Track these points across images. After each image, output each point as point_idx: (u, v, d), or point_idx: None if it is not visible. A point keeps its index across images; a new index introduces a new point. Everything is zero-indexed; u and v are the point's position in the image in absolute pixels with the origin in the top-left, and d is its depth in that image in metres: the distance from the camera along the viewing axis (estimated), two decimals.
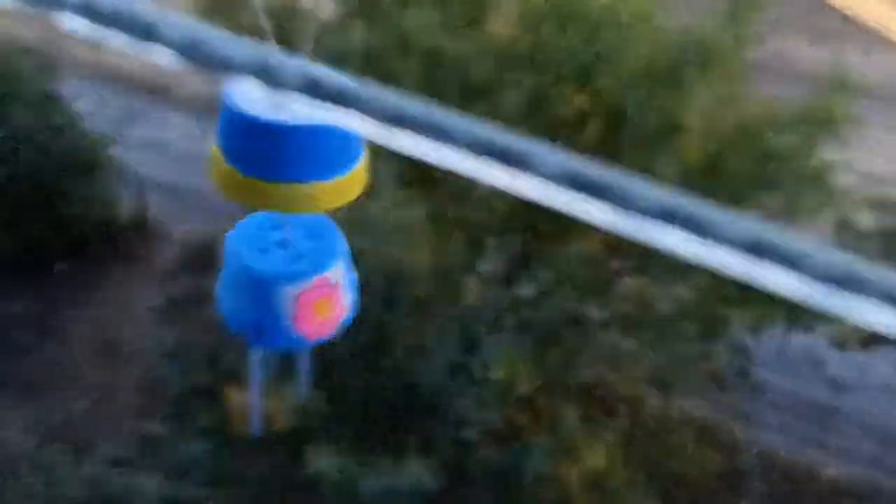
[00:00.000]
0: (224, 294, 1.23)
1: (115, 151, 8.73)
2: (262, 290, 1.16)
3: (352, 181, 1.08)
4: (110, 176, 8.63)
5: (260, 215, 1.11)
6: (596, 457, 5.71)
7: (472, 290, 5.74)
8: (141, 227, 9.18)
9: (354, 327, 5.62)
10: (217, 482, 5.86)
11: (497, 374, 5.29)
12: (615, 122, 5.81)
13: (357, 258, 4.86)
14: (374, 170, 4.84)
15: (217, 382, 5.90)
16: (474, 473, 5.66)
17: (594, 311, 6.32)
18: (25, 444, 5.11)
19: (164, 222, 9.30)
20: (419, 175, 6.67)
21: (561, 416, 5.78)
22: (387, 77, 5.93)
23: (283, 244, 1.15)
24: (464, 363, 5.27)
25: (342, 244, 1.18)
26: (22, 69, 7.99)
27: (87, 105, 9.45)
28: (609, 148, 5.98)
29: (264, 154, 1.00)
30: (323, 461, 5.21)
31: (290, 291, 1.16)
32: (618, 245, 6.79)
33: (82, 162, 8.25)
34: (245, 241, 1.14)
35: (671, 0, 6.17)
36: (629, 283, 6.39)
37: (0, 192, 8.07)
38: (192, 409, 5.94)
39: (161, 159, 9.77)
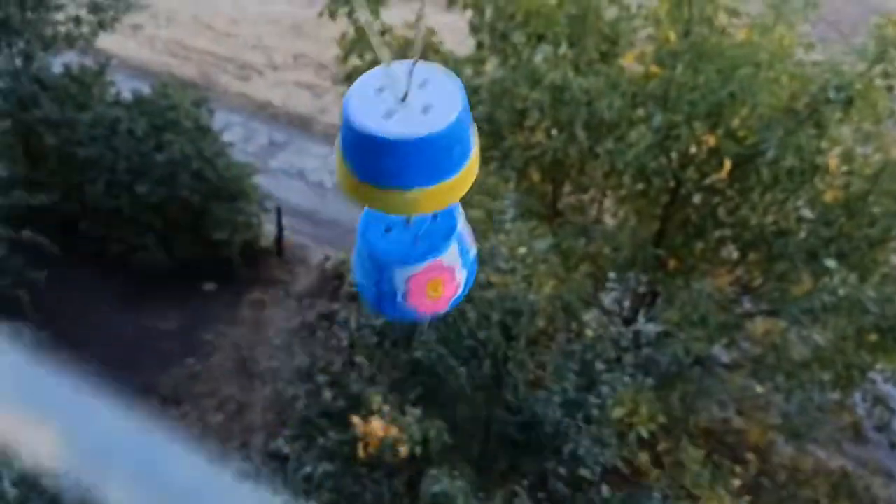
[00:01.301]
0: (355, 265, 1.36)
1: (259, 180, 9.17)
2: (376, 268, 1.26)
3: (458, 183, 1.11)
4: (254, 203, 9.07)
5: None
6: None
7: (593, 326, 5.69)
8: (281, 252, 9.61)
9: (476, 359, 5.62)
10: (339, 503, 6.00)
11: (616, 412, 5.20)
12: (748, 161, 5.66)
13: (479, 290, 4.85)
14: (500, 202, 4.85)
15: (343, 406, 6.07)
16: None
17: (721, 353, 6.14)
18: None
19: (303, 248, 9.70)
20: (546, 209, 6.69)
21: (683, 460, 5.62)
22: (517, 109, 6.01)
23: (405, 224, 1.22)
24: (582, 400, 5.22)
25: (460, 224, 1.25)
26: (180, 103, 8.54)
27: (235, 136, 10.00)
28: (740, 186, 5.83)
29: (373, 162, 1.08)
30: (440, 488, 5.26)
31: (401, 273, 1.24)
32: (750, 284, 6.57)
33: (230, 189, 8.72)
34: (374, 218, 1.23)
35: (810, 35, 5.96)
36: (760, 325, 6.17)
37: (158, 211, 8.66)
38: (318, 431, 6.11)
39: (300, 187, 10.20)
